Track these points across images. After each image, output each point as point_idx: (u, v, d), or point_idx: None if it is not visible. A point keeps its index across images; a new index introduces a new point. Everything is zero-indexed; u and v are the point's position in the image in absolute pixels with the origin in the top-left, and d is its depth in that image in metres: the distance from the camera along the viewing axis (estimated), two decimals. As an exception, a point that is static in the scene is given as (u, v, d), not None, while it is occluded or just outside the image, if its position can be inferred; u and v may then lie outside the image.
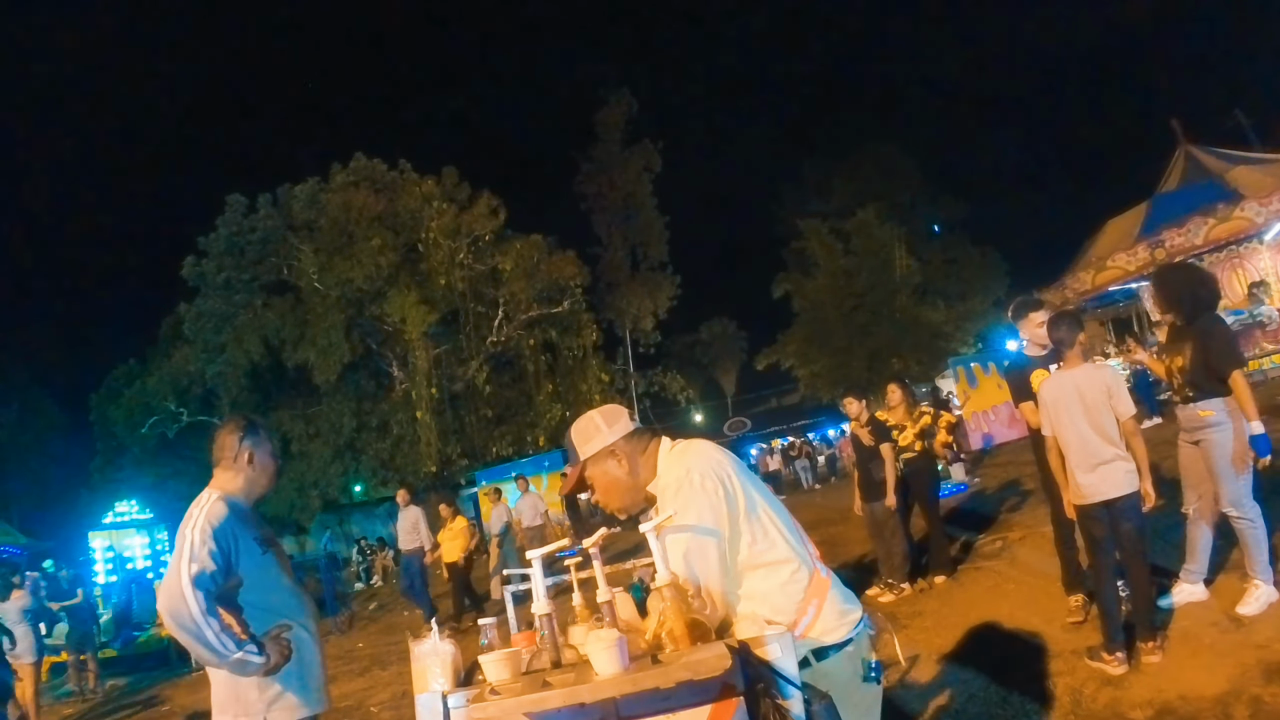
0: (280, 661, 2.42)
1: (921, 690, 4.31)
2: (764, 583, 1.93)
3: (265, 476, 2.76)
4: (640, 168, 33.51)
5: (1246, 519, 4.00)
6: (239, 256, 25.19)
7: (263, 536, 2.64)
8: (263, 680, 2.45)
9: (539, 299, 26.55)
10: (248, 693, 2.47)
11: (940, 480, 7.74)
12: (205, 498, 2.57)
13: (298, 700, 2.53)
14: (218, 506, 2.52)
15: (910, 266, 32.05)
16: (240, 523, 2.55)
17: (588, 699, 1.53)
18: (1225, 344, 4.04)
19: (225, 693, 2.52)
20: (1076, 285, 16.81)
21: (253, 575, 2.53)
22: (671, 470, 2.01)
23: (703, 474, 1.93)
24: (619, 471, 2.08)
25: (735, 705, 1.54)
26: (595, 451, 2.08)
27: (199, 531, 2.41)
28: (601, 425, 2.10)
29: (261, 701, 2.48)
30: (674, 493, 1.94)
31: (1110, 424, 3.94)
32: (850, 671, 1.94)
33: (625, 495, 2.11)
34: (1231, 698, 3.33)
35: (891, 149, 37.76)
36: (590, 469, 2.11)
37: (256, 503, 2.75)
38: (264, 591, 2.56)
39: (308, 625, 2.66)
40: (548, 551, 1.96)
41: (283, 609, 2.59)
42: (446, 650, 1.91)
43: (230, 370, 24.85)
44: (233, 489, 2.66)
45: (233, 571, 2.46)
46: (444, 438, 24.97)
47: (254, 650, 2.34)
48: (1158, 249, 14.68)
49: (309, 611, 2.73)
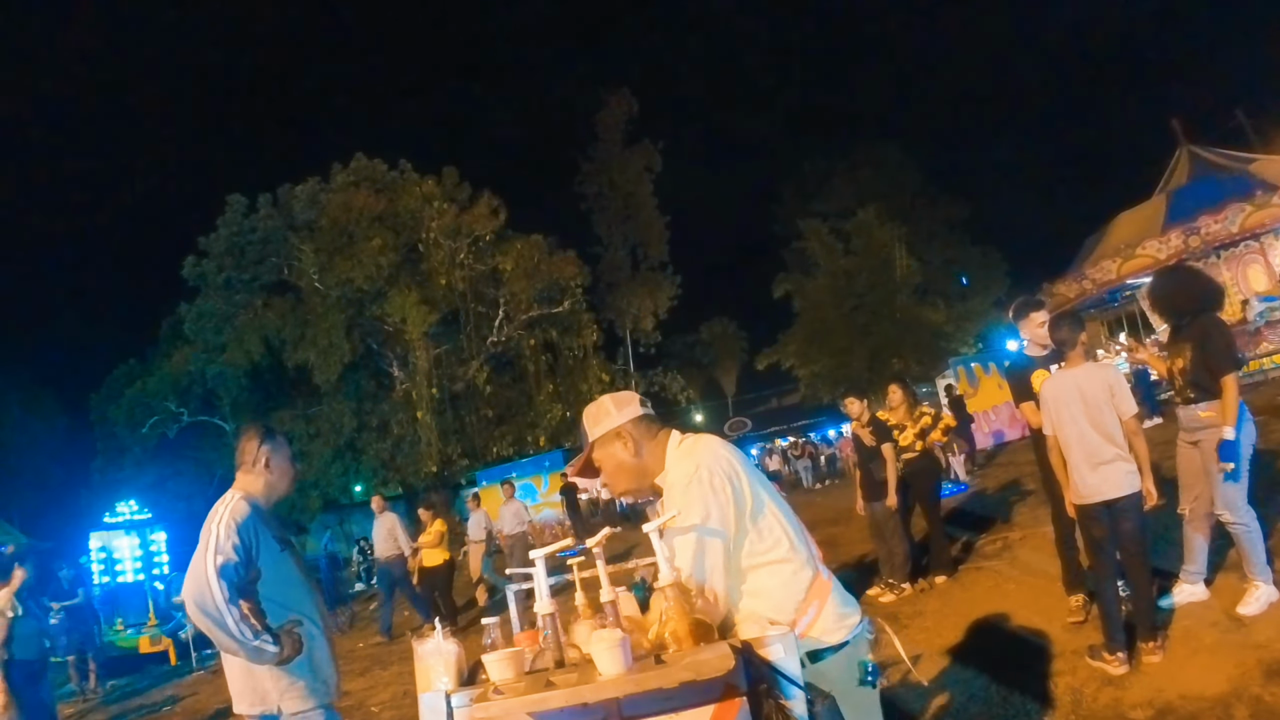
0: (292, 653, 2.58)
1: (922, 690, 4.31)
2: (766, 581, 1.93)
3: (283, 481, 2.97)
4: (641, 167, 33.52)
5: (1240, 523, 4.00)
6: (239, 256, 25.22)
7: (280, 536, 2.84)
8: (276, 670, 2.63)
9: (539, 299, 26.57)
10: (262, 682, 2.69)
11: (941, 480, 7.74)
12: (230, 497, 2.77)
13: (307, 691, 2.72)
14: (241, 505, 2.73)
15: (910, 266, 32.05)
16: (261, 522, 2.76)
17: (591, 699, 1.53)
18: (1222, 345, 4.03)
19: (242, 682, 2.74)
20: (1099, 275, 16.47)
21: (270, 572, 2.72)
22: (680, 465, 2.01)
23: (712, 471, 1.93)
24: (625, 454, 2.09)
25: (738, 705, 1.55)
26: (603, 433, 2.11)
27: (224, 526, 2.61)
28: (611, 408, 2.13)
29: (275, 690, 2.69)
30: (682, 489, 1.94)
31: (1112, 423, 3.93)
32: (847, 674, 1.94)
33: (631, 479, 2.12)
34: (1232, 697, 3.33)
35: (892, 149, 37.82)
36: (598, 450, 2.13)
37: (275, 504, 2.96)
38: (280, 587, 2.75)
39: (318, 621, 2.85)
40: (550, 551, 1.97)
41: (296, 605, 2.78)
42: (450, 649, 1.92)
43: (231, 370, 24.89)
44: (254, 490, 2.87)
45: (253, 565, 2.65)
46: (444, 438, 25.00)
47: (269, 640, 2.50)
48: (1192, 235, 14.58)
49: (320, 609, 2.93)
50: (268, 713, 2.72)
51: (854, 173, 37.25)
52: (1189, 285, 4.38)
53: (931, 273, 34.02)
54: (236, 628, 2.43)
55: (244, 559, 2.58)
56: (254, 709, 2.72)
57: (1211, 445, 4.03)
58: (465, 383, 26.15)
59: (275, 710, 2.71)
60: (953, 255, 35.88)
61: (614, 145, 33.56)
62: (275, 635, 2.53)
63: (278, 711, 2.71)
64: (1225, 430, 3.93)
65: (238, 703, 2.77)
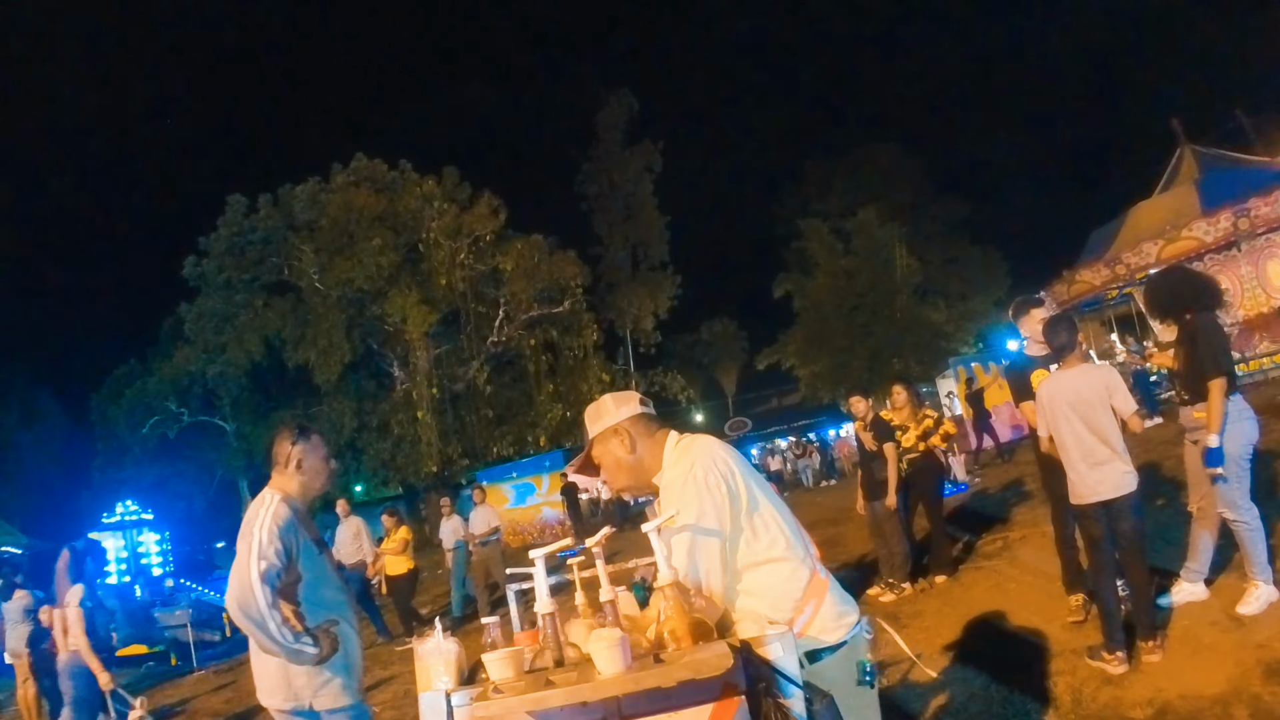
0: (329, 653, 2.64)
1: (922, 689, 4.31)
2: (763, 580, 1.94)
3: (317, 480, 2.97)
4: (641, 167, 33.56)
5: (1242, 521, 4.00)
6: (240, 256, 25.24)
7: (317, 538, 2.87)
8: (312, 669, 2.68)
9: (539, 299, 26.58)
10: (297, 679, 2.72)
11: (944, 479, 7.75)
12: (268, 498, 2.78)
13: (342, 688, 2.77)
14: (281, 508, 2.74)
15: (911, 266, 32.06)
16: (300, 524, 2.79)
17: (590, 698, 1.53)
18: (1209, 347, 4.04)
19: (276, 678, 2.76)
20: (1136, 260, 15.74)
21: (310, 574, 2.77)
22: (677, 465, 2.02)
23: (707, 470, 1.94)
24: (622, 451, 2.12)
25: (737, 704, 1.55)
26: (602, 430, 2.14)
27: (266, 531, 2.64)
28: (611, 406, 2.16)
29: (309, 688, 2.73)
30: (679, 488, 1.96)
31: (1108, 424, 3.94)
32: (845, 673, 1.94)
33: (628, 476, 2.14)
34: (1231, 697, 3.34)
35: (892, 149, 37.82)
36: (597, 447, 2.16)
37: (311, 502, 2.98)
38: (317, 588, 2.80)
39: (352, 621, 2.90)
40: (549, 551, 1.97)
41: (333, 606, 2.83)
42: (450, 649, 1.93)
43: (231, 370, 24.91)
44: (290, 490, 2.88)
45: (293, 568, 2.70)
46: (445, 438, 25.00)
47: (309, 642, 2.57)
48: (1241, 218, 14.36)
49: (353, 609, 2.99)
50: (300, 708, 2.75)
51: (854, 172, 37.27)
52: (1183, 286, 4.39)
53: (932, 272, 34.03)
54: (279, 631, 2.49)
55: (285, 563, 2.63)
56: (286, 704, 2.76)
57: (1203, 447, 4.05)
58: (465, 383, 26.16)
59: (308, 706, 2.74)
60: (953, 255, 35.90)
61: (614, 145, 33.61)
62: (315, 636, 2.60)
63: (310, 707, 2.74)
64: (1210, 438, 3.94)
65: (267, 697, 2.80)
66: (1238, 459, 3.98)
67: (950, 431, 7.45)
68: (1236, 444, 3.98)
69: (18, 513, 22.03)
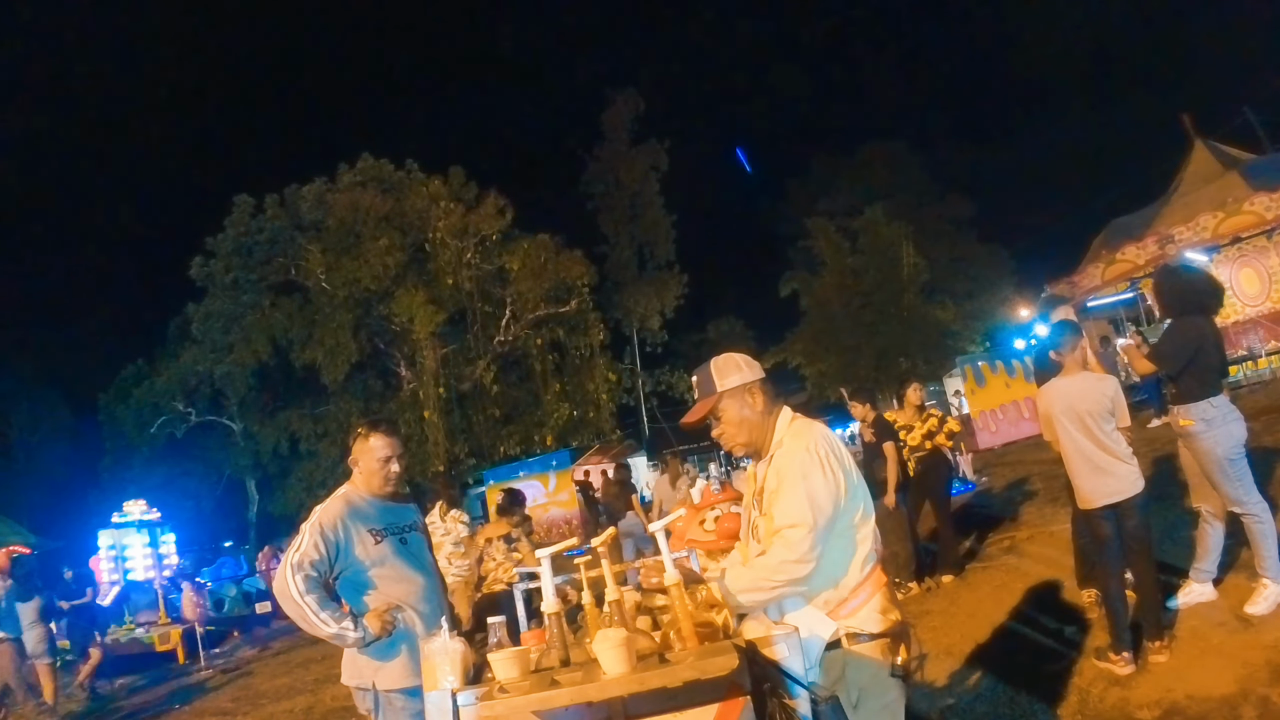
0: (377, 637, 2.86)
1: (929, 689, 4.31)
2: (842, 554, 2.09)
3: (374, 480, 3.14)
4: (647, 166, 33.47)
5: (1253, 514, 3.99)
6: (247, 257, 25.29)
7: (376, 529, 3.03)
8: (368, 651, 2.92)
9: (546, 298, 26.55)
10: (359, 659, 2.97)
11: (953, 477, 7.72)
12: (332, 495, 3.11)
13: (402, 673, 2.93)
14: (334, 505, 3.03)
15: (918, 265, 31.91)
16: (356, 517, 3.01)
17: (595, 698, 1.54)
18: (1166, 342, 4.13)
19: (347, 657, 3.04)
20: (1193, 235, 14.47)
21: (366, 561, 2.97)
22: (799, 438, 2.17)
23: (828, 451, 2.12)
24: (750, 410, 2.23)
25: (742, 704, 1.55)
26: (735, 386, 2.23)
27: (311, 526, 2.94)
28: (743, 365, 2.27)
29: (369, 668, 2.95)
30: (800, 457, 2.09)
31: (1109, 431, 3.99)
32: (880, 662, 2.06)
33: (749, 432, 2.24)
34: (1239, 698, 3.32)
35: (899, 147, 37.65)
36: (726, 401, 2.24)
37: (390, 495, 3.17)
38: (374, 577, 2.99)
39: (420, 608, 3.03)
40: (556, 550, 1.98)
41: (396, 592, 3.00)
42: (456, 648, 1.93)
43: (238, 370, 24.96)
44: (356, 485, 3.15)
45: (338, 560, 2.94)
46: (451, 437, 25.00)
47: (349, 626, 2.81)
48: None
49: (428, 597, 3.09)
50: (363, 686, 2.98)
51: (861, 171, 37.08)
52: (1176, 287, 4.39)
53: (939, 271, 33.87)
54: (316, 617, 2.76)
55: (325, 555, 2.88)
56: (353, 681, 3.02)
57: (1195, 445, 4.07)
58: (472, 382, 26.16)
59: (370, 685, 2.95)
60: (960, 253, 35.75)
61: (620, 144, 33.52)
62: (357, 621, 2.82)
63: (372, 687, 2.95)
64: None
65: (345, 675, 3.06)
66: (1229, 460, 3.99)
67: (954, 429, 7.44)
68: (1225, 446, 3.98)
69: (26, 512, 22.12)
